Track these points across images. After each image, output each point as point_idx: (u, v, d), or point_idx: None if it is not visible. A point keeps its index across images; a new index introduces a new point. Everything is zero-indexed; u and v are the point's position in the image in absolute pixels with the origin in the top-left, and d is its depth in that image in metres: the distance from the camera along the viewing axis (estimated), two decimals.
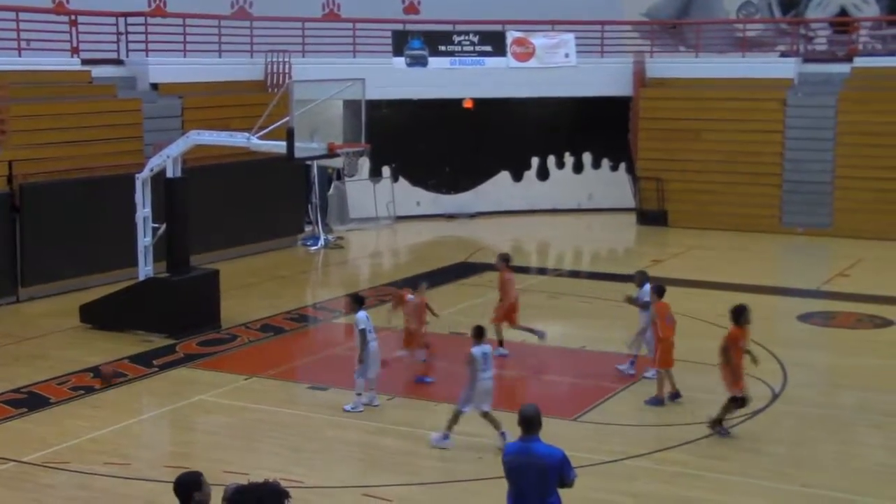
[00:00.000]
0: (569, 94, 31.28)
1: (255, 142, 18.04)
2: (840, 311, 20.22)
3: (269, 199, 25.75)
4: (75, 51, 25.11)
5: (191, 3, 28.06)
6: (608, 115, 31.27)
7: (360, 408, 14.26)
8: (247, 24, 29.80)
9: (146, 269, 18.70)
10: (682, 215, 29.74)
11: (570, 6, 31.93)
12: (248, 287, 22.08)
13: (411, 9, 35.39)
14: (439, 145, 31.38)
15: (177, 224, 18.48)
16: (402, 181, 31.54)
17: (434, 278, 22.53)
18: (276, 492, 6.76)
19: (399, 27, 31.48)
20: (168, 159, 18.42)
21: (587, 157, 33.03)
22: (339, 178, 29.53)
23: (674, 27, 35.59)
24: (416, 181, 31.88)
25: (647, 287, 15.42)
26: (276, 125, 17.99)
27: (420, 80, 30.42)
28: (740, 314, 13.32)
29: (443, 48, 30.98)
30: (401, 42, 30.69)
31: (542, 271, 25.29)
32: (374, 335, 14.41)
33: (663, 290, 14.95)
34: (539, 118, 32.22)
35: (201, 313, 18.56)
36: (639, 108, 30.74)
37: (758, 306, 20.49)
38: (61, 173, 21.56)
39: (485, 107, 31.09)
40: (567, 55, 31.71)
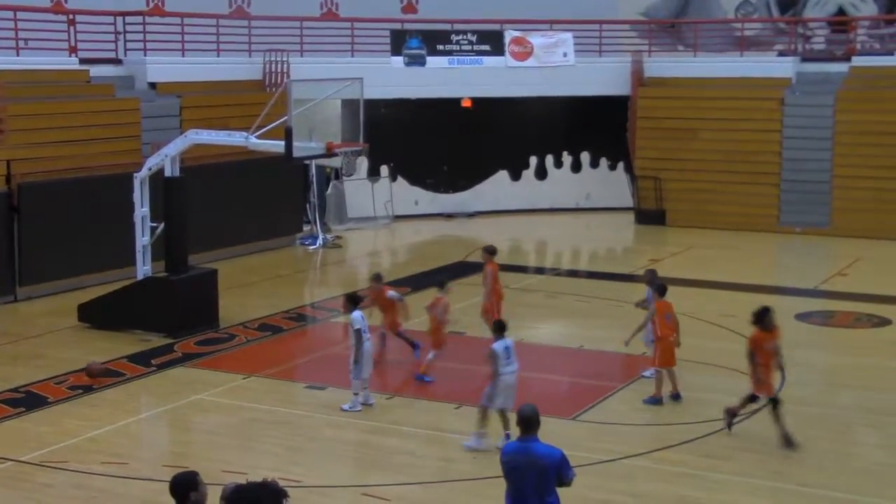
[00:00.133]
0: (567, 93, 31.29)
1: (254, 141, 18.04)
2: (838, 310, 20.22)
3: (267, 198, 25.74)
4: (73, 50, 25.10)
5: (189, 3, 28.05)
6: (606, 114, 31.26)
7: (357, 407, 14.26)
8: (245, 23, 29.82)
9: (144, 268, 18.71)
10: (680, 214, 29.74)
11: (568, 5, 31.92)
12: (247, 286, 22.08)
13: (409, 8, 35.40)
14: (437, 145, 31.37)
15: (175, 223, 18.47)
16: (400, 180, 31.53)
17: (432, 278, 22.57)
18: (275, 492, 6.74)
19: (397, 26, 31.48)
20: (166, 158, 18.41)
21: (585, 157, 33.04)
22: (337, 177, 29.50)
23: (672, 26, 35.62)
24: (415, 180, 31.88)
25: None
26: (274, 124, 17.97)
27: (418, 79, 30.41)
28: (762, 317, 13.01)
29: (441, 47, 30.98)
30: (399, 41, 30.69)
31: (540, 270, 25.31)
32: (368, 335, 14.43)
33: (665, 289, 14.96)
34: (537, 117, 32.21)
35: (199, 313, 18.56)
36: (637, 108, 30.74)
37: (756, 306, 20.57)
38: (59, 173, 21.55)
39: (483, 106, 31.08)
40: (565, 54, 31.72)
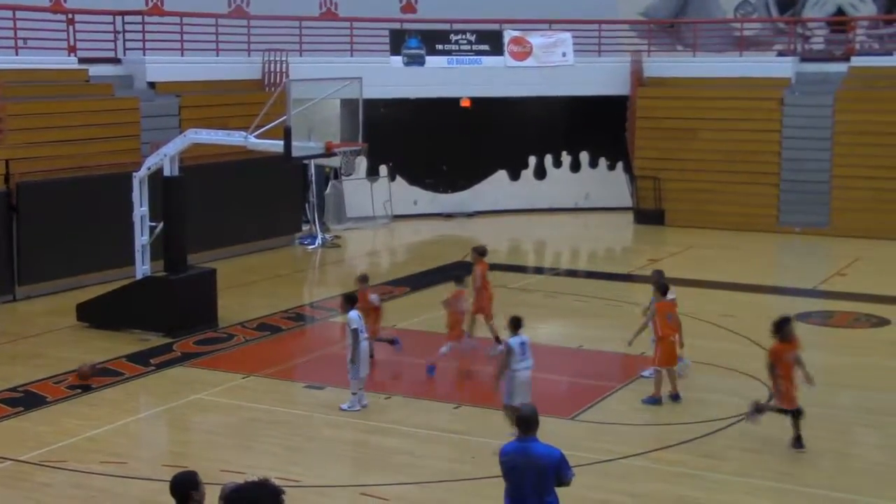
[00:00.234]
0: (566, 93, 31.28)
1: (253, 141, 18.03)
2: (837, 310, 20.21)
3: (266, 198, 25.72)
4: (72, 49, 25.08)
5: (188, 2, 28.03)
6: (605, 114, 31.25)
7: (356, 407, 14.25)
8: (244, 22, 29.81)
9: (143, 267, 18.70)
10: (680, 214, 29.73)
11: (567, 5, 31.92)
12: (246, 286, 22.07)
13: (408, 8, 35.40)
14: (437, 144, 31.35)
15: (174, 223, 18.46)
16: (399, 180, 31.52)
17: (431, 277, 22.61)
18: (274, 492, 6.75)
19: (396, 26, 31.47)
20: (165, 158, 18.40)
21: (584, 157, 33.03)
22: (336, 177, 29.48)
23: (671, 26, 35.62)
24: (414, 180, 31.87)
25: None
26: (273, 124, 17.96)
27: (417, 79, 30.40)
28: (781, 327, 12.74)
29: (440, 47, 30.97)
30: (398, 41, 30.67)
31: (539, 270, 25.30)
32: (365, 335, 14.42)
33: (667, 289, 14.95)
34: (536, 117, 32.20)
35: (198, 312, 18.55)
36: (636, 108, 30.73)
37: (755, 306, 20.73)
38: (58, 172, 21.53)
39: (482, 106, 31.07)
40: (564, 54, 31.72)
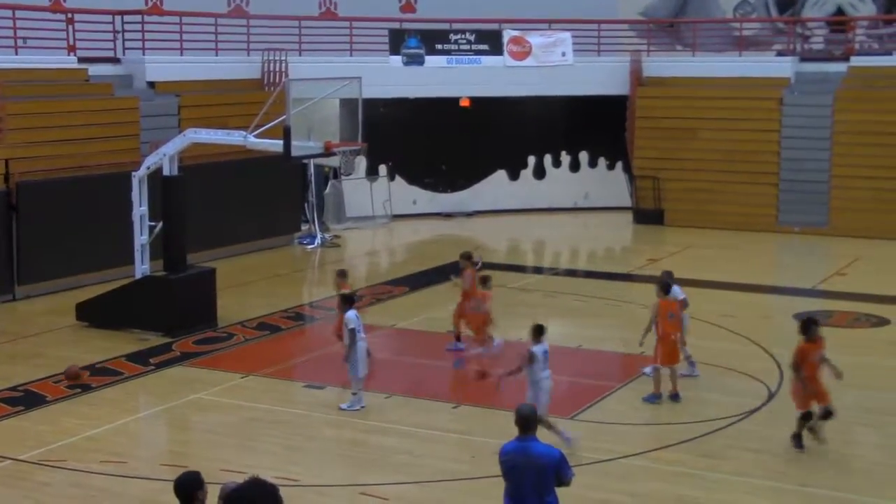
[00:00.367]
0: (565, 92, 31.29)
1: (252, 140, 18.03)
2: (837, 310, 20.19)
3: (265, 197, 25.72)
4: (72, 49, 25.08)
5: (188, 2, 28.02)
6: (605, 113, 31.25)
7: (356, 406, 14.26)
8: (243, 22, 29.82)
9: (143, 267, 18.70)
10: (679, 214, 29.73)
11: (566, 5, 31.91)
12: (245, 285, 22.07)
13: (408, 7, 35.40)
14: (436, 144, 31.35)
15: (173, 222, 18.46)
16: (398, 180, 31.51)
17: (430, 277, 22.60)
18: (272, 490, 6.76)
19: (396, 26, 31.47)
20: (165, 157, 18.41)
21: (584, 156, 33.02)
22: (335, 176, 29.48)
23: (671, 26, 35.62)
24: (413, 180, 31.86)
25: (675, 287, 15.36)
26: (272, 124, 17.97)
27: (417, 78, 30.40)
28: (808, 328, 12.76)
29: (439, 47, 30.97)
30: (397, 41, 30.67)
31: (538, 270, 25.30)
32: (363, 335, 14.41)
33: (668, 288, 14.96)
34: (536, 117, 32.19)
35: (198, 312, 18.55)
36: (635, 107, 30.74)
37: (754, 305, 20.75)
38: (58, 171, 21.53)
39: (481, 105, 31.07)
40: (564, 54, 31.72)
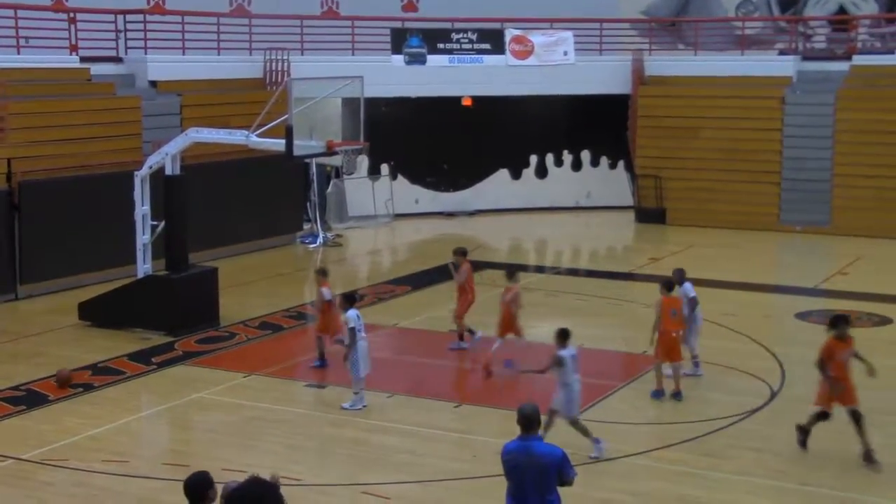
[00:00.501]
0: (567, 91, 31.29)
1: (254, 140, 18.03)
2: (839, 309, 20.08)
3: (267, 196, 25.73)
4: (74, 48, 25.09)
5: (190, 1, 28.02)
6: (607, 112, 31.24)
7: (358, 405, 14.27)
8: (245, 21, 29.83)
9: (145, 266, 18.71)
10: (681, 213, 29.72)
11: (568, 4, 31.89)
12: (247, 285, 22.08)
13: (410, 7, 35.40)
14: (438, 143, 31.35)
15: (175, 222, 18.47)
16: (400, 179, 31.52)
17: (432, 276, 22.59)
18: (273, 489, 6.78)
19: (398, 25, 31.47)
20: (167, 157, 18.41)
21: (586, 155, 33.01)
22: (337, 175, 29.49)
23: (672, 25, 35.61)
24: (415, 179, 31.87)
25: (687, 285, 15.36)
26: (274, 123, 17.98)
27: (418, 77, 30.41)
28: (837, 325, 12.42)
29: (441, 46, 30.96)
30: (399, 40, 30.68)
31: (540, 269, 25.29)
32: (363, 334, 14.41)
33: (672, 286, 14.97)
34: (538, 116, 32.19)
35: (200, 311, 18.56)
36: (637, 106, 30.73)
37: (756, 304, 20.74)
38: (60, 171, 21.54)
39: (483, 105, 31.07)
40: (566, 53, 31.72)
